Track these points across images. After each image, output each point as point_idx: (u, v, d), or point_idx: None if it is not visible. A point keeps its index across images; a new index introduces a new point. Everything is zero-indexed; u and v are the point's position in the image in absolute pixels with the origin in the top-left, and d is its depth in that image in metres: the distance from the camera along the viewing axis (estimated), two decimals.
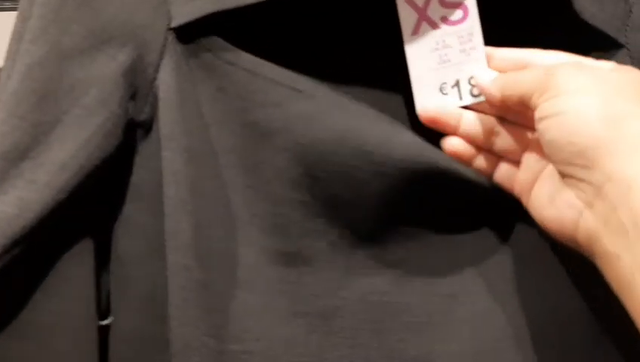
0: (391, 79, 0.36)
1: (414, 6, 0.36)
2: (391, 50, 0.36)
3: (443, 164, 0.34)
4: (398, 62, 0.35)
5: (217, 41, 0.35)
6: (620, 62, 0.38)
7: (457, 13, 0.35)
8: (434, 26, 0.35)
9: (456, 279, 0.37)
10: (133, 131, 0.35)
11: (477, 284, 0.37)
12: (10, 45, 0.35)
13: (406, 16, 0.36)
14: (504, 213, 0.36)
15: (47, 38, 0.33)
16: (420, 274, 0.37)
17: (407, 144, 0.34)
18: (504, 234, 0.37)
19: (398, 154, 0.34)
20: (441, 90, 0.35)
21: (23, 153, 0.32)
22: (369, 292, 0.36)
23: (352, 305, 0.36)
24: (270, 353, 0.34)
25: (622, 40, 0.39)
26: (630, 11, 0.39)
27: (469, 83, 0.35)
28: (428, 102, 0.35)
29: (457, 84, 0.35)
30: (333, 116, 0.34)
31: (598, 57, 0.37)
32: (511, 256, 0.37)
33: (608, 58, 0.38)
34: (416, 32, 0.35)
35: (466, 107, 0.35)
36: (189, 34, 0.35)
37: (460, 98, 0.35)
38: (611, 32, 0.38)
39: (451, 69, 0.35)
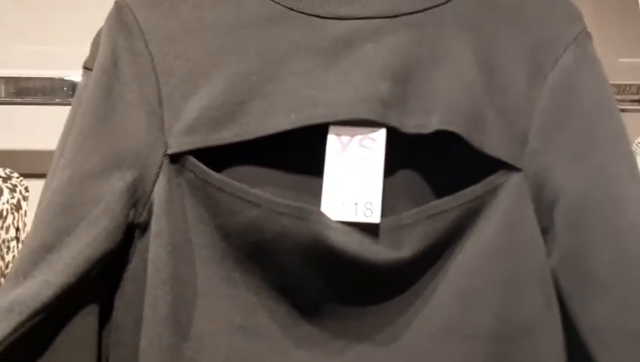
0: (314, 189, 0.48)
1: (340, 140, 0.48)
2: (316, 169, 0.48)
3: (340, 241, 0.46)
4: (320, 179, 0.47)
5: (196, 163, 0.48)
6: (518, 182, 0.48)
7: (368, 154, 0.47)
8: (349, 158, 0.47)
9: (381, 347, 0.46)
10: (133, 231, 0.48)
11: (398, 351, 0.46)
12: (52, 166, 0.50)
13: (332, 146, 0.48)
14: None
15: (74, 165, 0.47)
16: (348, 346, 0.47)
17: (323, 237, 0.45)
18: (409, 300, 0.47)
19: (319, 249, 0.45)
20: (343, 204, 0.47)
21: (47, 249, 0.44)
22: (309, 360, 0.47)
23: None
24: None
25: (519, 165, 0.49)
26: (527, 143, 0.49)
27: (365, 206, 0.46)
28: (331, 210, 0.47)
29: (356, 204, 0.47)
30: (272, 219, 0.46)
31: (500, 179, 0.48)
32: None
33: (508, 179, 0.48)
34: (335, 159, 0.48)
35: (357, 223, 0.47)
36: (178, 157, 0.49)
37: (355, 214, 0.46)
38: (510, 160, 0.49)
39: (355, 191, 0.47)
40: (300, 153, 0.49)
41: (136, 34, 0.52)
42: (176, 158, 0.49)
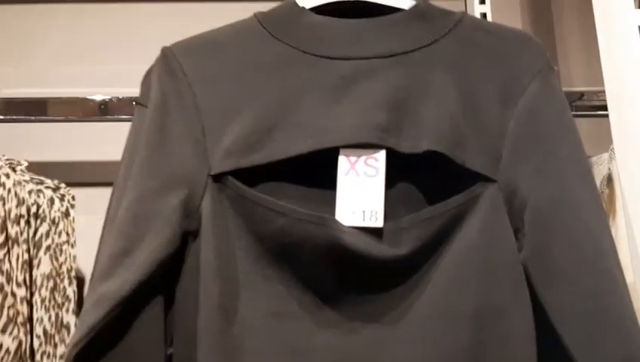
0: (329, 201, 0.60)
1: (349, 160, 0.60)
2: (330, 184, 0.60)
3: (352, 242, 0.57)
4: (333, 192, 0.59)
5: (234, 181, 0.60)
6: (493, 192, 0.60)
7: (372, 171, 0.59)
8: (357, 174, 0.59)
9: (388, 326, 0.58)
10: (187, 237, 0.60)
11: (402, 329, 0.58)
12: (118, 184, 0.62)
13: (342, 165, 0.60)
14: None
15: (139, 187, 0.59)
16: (361, 326, 0.58)
17: (338, 239, 0.57)
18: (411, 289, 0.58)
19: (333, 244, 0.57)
20: (353, 212, 0.58)
21: (124, 254, 0.56)
22: (330, 339, 0.58)
23: (319, 348, 0.58)
24: None
25: (495, 177, 0.60)
26: (500, 158, 0.61)
27: (371, 213, 0.58)
28: (344, 217, 0.58)
29: (364, 212, 0.58)
30: (297, 225, 0.58)
31: (479, 189, 0.59)
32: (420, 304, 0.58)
33: (485, 189, 0.60)
34: (346, 174, 0.59)
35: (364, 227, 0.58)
36: (219, 177, 0.61)
37: (363, 220, 0.58)
38: (487, 172, 0.60)
39: (362, 202, 0.59)
40: (317, 171, 0.61)
41: (180, 77, 0.63)
42: (217, 178, 0.61)
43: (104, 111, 1.15)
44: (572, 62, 1.25)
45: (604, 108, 0.76)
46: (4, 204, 0.84)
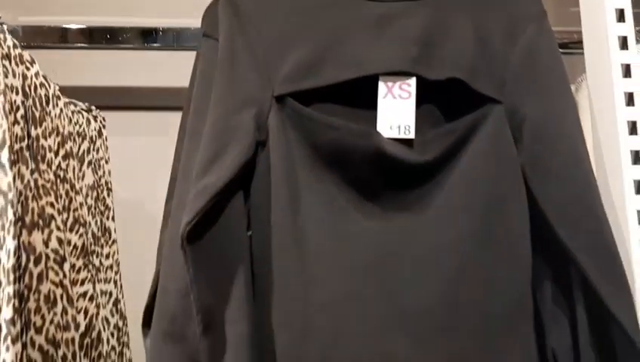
0: (371, 118, 0.75)
1: (387, 85, 0.75)
2: (372, 105, 0.75)
3: (391, 150, 0.73)
4: (374, 111, 0.75)
5: (293, 101, 0.74)
6: (499, 111, 0.76)
7: (405, 94, 0.74)
8: (394, 97, 0.75)
9: (416, 215, 0.75)
10: (257, 146, 0.75)
11: (427, 217, 0.75)
12: (195, 99, 0.76)
13: (381, 90, 0.75)
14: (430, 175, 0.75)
15: (220, 107, 0.73)
16: (396, 215, 0.75)
17: (381, 147, 0.73)
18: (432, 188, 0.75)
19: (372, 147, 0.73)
20: (390, 127, 0.74)
21: (213, 160, 0.70)
22: (371, 225, 0.74)
23: (362, 231, 0.74)
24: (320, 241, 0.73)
25: (500, 100, 0.76)
26: (505, 85, 0.77)
27: (405, 128, 0.74)
28: (384, 131, 0.74)
29: (399, 126, 0.74)
30: (347, 137, 0.73)
31: (488, 109, 0.76)
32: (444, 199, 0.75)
33: (493, 109, 0.76)
34: (384, 97, 0.75)
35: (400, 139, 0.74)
36: (281, 98, 0.75)
37: (399, 133, 0.74)
38: (495, 95, 0.76)
39: (398, 119, 0.74)
40: (361, 94, 0.76)
41: (243, 16, 0.77)
42: (280, 99, 0.75)
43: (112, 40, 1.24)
44: None
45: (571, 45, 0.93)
46: (61, 122, 0.96)
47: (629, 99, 0.79)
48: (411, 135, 0.75)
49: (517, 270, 0.73)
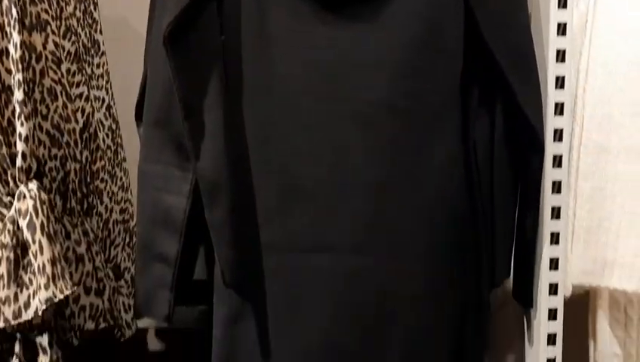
0: None
1: None
2: None
3: None
4: None
5: None
6: None
7: None
8: None
9: (368, 25, 0.86)
10: None
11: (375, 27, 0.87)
12: None
13: None
14: None
15: None
16: (351, 25, 0.87)
17: None
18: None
19: None
20: None
21: None
22: (328, 30, 0.86)
23: (322, 35, 0.86)
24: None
25: None
26: None
27: None
28: None
29: None
30: None
31: None
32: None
33: None
34: None
35: None
36: None
37: None
38: None
39: None
40: None
41: None
42: None
43: None
44: None
45: None
46: None
47: None
48: None
49: (450, 65, 0.88)
